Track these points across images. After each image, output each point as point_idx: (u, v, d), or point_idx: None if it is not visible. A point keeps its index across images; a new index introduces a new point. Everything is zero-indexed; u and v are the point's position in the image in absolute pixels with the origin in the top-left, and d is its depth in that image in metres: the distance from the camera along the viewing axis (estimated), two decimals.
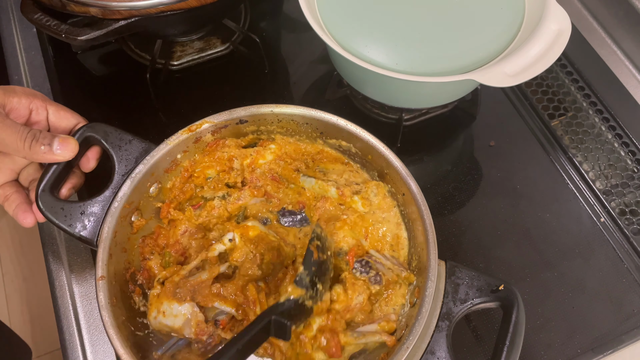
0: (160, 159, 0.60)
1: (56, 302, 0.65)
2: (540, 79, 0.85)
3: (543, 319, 0.66)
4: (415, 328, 0.50)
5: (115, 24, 0.67)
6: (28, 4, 0.68)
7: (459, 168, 0.77)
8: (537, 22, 0.64)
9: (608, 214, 0.73)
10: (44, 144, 0.54)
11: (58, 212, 0.56)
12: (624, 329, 0.65)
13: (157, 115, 0.81)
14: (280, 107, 0.62)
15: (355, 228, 0.60)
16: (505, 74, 0.60)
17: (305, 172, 0.63)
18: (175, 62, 0.85)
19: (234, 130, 0.63)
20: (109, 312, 0.51)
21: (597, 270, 0.69)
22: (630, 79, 0.84)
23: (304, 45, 0.89)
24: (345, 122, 0.61)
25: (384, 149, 0.60)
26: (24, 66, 0.84)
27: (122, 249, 0.57)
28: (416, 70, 0.64)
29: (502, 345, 0.50)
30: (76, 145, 0.57)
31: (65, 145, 0.56)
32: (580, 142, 0.79)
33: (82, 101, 0.82)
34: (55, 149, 0.55)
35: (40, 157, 0.55)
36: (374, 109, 0.81)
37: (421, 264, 0.56)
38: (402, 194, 0.60)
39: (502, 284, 0.53)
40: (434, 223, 0.56)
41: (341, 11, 0.67)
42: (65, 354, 0.62)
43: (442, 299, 0.53)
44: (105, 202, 0.57)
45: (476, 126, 0.81)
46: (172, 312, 0.53)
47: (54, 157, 0.56)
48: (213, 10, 0.72)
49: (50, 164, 0.57)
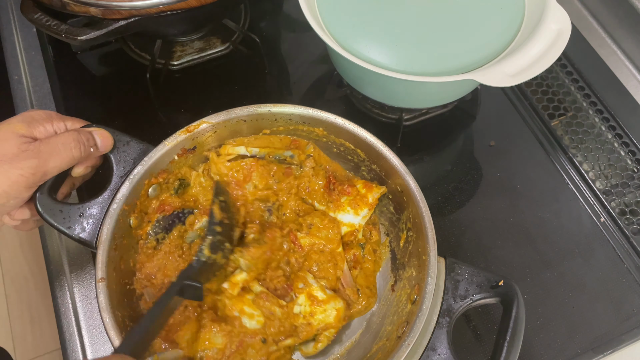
0: (158, 160, 0.59)
1: (56, 302, 0.65)
2: (540, 79, 0.85)
3: (543, 319, 0.66)
4: (416, 325, 0.51)
5: (115, 24, 0.67)
6: (28, 4, 0.68)
7: (459, 168, 0.77)
8: (537, 22, 0.64)
9: (608, 214, 0.73)
10: (92, 146, 0.57)
11: (57, 214, 0.56)
12: (624, 328, 0.65)
13: (156, 115, 0.81)
14: (278, 106, 0.62)
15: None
16: (505, 74, 0.60)
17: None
18: (175, 62, 0.85)
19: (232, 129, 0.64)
20: (109, 313, 0.51)
21: (597, 270, 0.69)
22: (630, 79, 0.84)
23: (304, 45, 0.89)
24: (343, 121, 0.61)
25: (383, 148, 0.60)
26: (24, 66, 0.84)
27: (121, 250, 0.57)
28: (416, 70, 0.63)
29: (503, 340, 0.50)
30: (110, 136, 0.59)
31: (106, 138, 0.59)
32: (580, 142, 0.79)
33: (82, 101, 0.82)
34: (100, 145, 0.58)
35: (93, 158, 0.59)
36: (374, 109, 0.81)
37: (421, 261, 0.56)
38: (399, 190, 0.60)
39: (501, 279, 0.53)
40: (433, 222, 0.56)
41: (341, 11, 0.67)
42: (65, 354, 0.62)
43: (442, 295, 0.54)
44: (104, 203, 0.57)
45: (476, 126, 0.81)
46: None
47: (102, 152, 0.59)
48: (213, 10, 0.72)
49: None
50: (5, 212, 0.55)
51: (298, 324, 0.57)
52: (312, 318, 0.57)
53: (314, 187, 0.64)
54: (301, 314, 0.58)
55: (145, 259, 0.60)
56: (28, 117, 0.55)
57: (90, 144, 0.57)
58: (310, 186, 0.64)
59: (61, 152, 0.54)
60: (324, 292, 0.59)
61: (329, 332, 0.58)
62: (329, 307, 0.58)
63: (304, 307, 0.58)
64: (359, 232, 0.63)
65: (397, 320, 0.57)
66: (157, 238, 0.61)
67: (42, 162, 0.52)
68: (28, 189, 0.53)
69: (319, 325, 0.58)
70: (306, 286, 0.59)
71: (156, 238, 0.61)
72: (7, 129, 0.53)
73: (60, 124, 0.57)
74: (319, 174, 0.64)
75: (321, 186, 0.64)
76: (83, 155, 0.56)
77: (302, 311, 0.58)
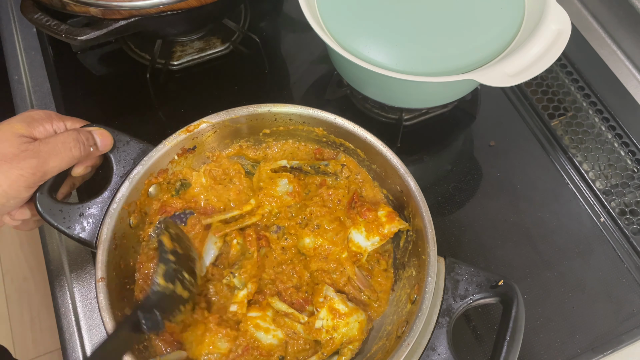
0: (158, 160, 0.59)
1: (56, 302, 0.65)
2: (540, 79, 0.85)
3: (543, 319, 0.66)
4: (416, 325, 0.51)
5: (115, 24, 0.67)
6: (28, 4, 0.68)
7: (459, 168, 0.77)
8: (537, 22, 0.64)
9: (608, 213, 0.73)
10: (91, 145, 0.57)
11: (57, 214, 0.56)
12: (624, 328, 0.65)
13: (156, 115, 0.81)
14: (278, 106, 0.62)
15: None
16: (505, 74, 0.60)
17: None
18: (175, 62, 0.85)
19: (231, 130, 0.64)
20: (109, 313, 0.51)
21: (597, 270, 0.69)
22: (630, 79, 0.84)
23: (304, 45, 0.89)
24: (343, 121, 0.61)
25: (383, 148, 0.60)
26: (24, 66, 0.84)
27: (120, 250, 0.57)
28: (416, 70, 0.63)
29: (503, 340, 0.50)
30: (110, 135, 0.59)
31: (105, 137, 0.59)
32: (580, 142, 0.79)
33: (82, 101, 0.82)
34: (99, 144, 0.58)
35: (93, 157, 0.59)
36: (374, 109, 0.81)
37: (421, 260, 0.56)
38: (399, 190, 0.60)
39: (501, 279, 0.53)
40: (433, 222, 0.56)
41: (341, 11, 0.67)
42: (65, 354, 0.62)
43: (442, 295, 0.54)
44: (104, 203, 0.57)
45: (476, 126, 0.81)
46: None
47: (102, 151, 0.59)
48: (213, 10, 0.72)
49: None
50: (5, 212, 0.55)
51: (321, 340, 0.56)
52: (336, 332, 0.56)
53: (338, 199, 0.63)
54: (324, 328, 0.56)
55: (146, 260, 0.60)
56: (28, 117, 0.55)
57: (89, 143, 0.57)
58: (334, 199, 0.63)
59: (61, 152, 0.54)
60: (345, 305, 0.57)
61: (353, 345, 0.57)
62: (352, 320, 0.57)
63: (326, 322, 0.56)
64: (363, 257, 0.61)
65: (396, 319, 0.57)
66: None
67: (42, 162, 0.52)
68: (28, 188, 0.53)
69: (343, 339, 0.56)
70: (327, 300, 0.58)
71: (158, 240, 0.60)
72: (7, 129, 0.53)
73: (59, 124, 0.57)
74: (352, 185, 0.64)
75: (345, 199, 0.63)
76: (83, 154, 0.56)
77: (325, 325, 0.56)
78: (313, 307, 0.58)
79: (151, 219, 0.61)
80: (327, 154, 0.66)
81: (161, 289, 0.51)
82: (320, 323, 0.56)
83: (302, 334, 0.57)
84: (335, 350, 0.57)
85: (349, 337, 0.57)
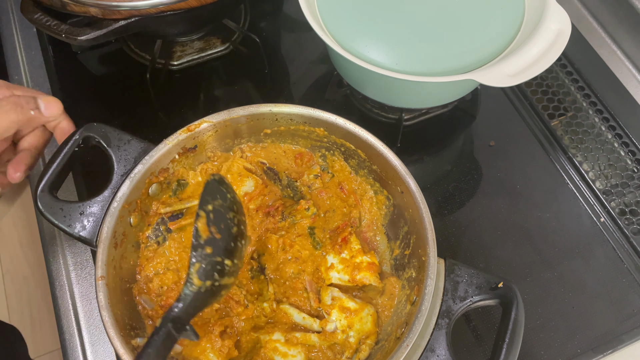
0: (159, 159, 0.59)
1: (56, 302, 0.65)
2: (540, 79, 0.85)
3: (543, 319, 0.66)
4: (415, 326, 0.50)
5: (115, 24, 0.67)
6: (28, 4, 0.68)
7: (459, 168, 0.77)
8: (537, 22, 0.64)
9: (608, 214, 0.73)
10: (32, 109, 0.56)
11: (57, 212, 0.56)
12: (624, 329, 0.65)
13: (156, 115, 0.81)
14: (279, 106, 0.62)
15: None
16: (505, 74, 0.60)
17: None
18: (175, 62, 0.85)
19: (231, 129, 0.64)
20: (109, 312, 0.51)
21: (597, 270, 0.69)
22: (630, 79, 0.84)
23: (304, 45, 0.89)
24: (344, 121, 0.61)
25: (383, 148, 0.60)
26: (24, 66, 0.84)
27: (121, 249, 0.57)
28: (416, 70, 0.63)
29: (502, 342, 0.50)
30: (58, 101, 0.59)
31: (51, 104, 0.58)
32: (580, 142, 0.79)
33: (82, 101, 0.82)
34: (43, 109, 0.58)
35: (35, 122, 0.58)
36: (374, 109, 0.81)
37: (420, 262, 0.56)
38: (399, 191, 0.60)
39: (501, 281, 0.53)
40: (433, 223, 0.56)
41: (341, 11, 0.67)
42: (65, 354, 0.62)
43: (442, 296, 0.53)
44: (105, 202, 0.57)
45: (476, 126, 0.81)
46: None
47: (47, 117, 0.58)
48: (213, 10, 0.72)
49: (49, 164, 0.57)
50: None
51: (338, 342, 0.56)
52: (351, 330, 0.56)
53: (330, 227, 0.63)
54: (338, 329, 0.56)
55: (145, 261, 0.60)
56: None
57: (30, 107, 0.56)
58: (327, 226, 0.63)
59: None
60: (354, 302, 0.57)
61: (370, 339, 0.56)
62: (364, 315, 0.57)
63: (339, 322, 0.56)
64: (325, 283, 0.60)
65: (396, 321, 0.57)
66: (158, 241, 0.61)
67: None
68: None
69: (360, 335, 0.56)
70: (335, 300, 0.57)
71: (157, 241, 0.61)
72: None
73: (5, 92, 0.57)
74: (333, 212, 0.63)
75: (335, 227, 0.63)
76: (22, 118, 0.55)
77: (339, 326, 0.56)
78: (322, 310, 0.58)
79: (149, 220, 0.61)
80: (307, 157, 0.66)
81: (195, 290, 0.46)
82: (334, 325, 0.56)
83: (318, 342, 0.56)
84: (355, 349, 0.56)
85: (365, 332, 0.56)
